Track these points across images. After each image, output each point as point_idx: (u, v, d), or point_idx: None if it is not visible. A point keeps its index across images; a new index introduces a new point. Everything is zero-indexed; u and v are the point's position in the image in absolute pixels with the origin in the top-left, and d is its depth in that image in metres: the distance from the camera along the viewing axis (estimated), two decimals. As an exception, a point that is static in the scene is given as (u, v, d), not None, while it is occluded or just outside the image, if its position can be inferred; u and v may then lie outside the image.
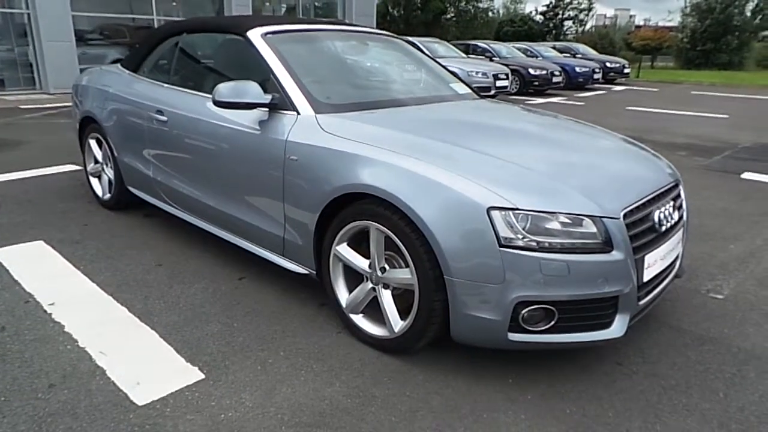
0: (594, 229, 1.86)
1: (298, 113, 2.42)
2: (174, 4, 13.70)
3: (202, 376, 2.02)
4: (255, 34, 2.73)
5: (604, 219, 1.87)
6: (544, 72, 13.94)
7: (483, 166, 2.00)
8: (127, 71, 3.58)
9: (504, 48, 15.95)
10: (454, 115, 2.73)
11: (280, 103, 2.47)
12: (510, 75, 12.22)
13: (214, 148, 2.75)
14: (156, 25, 12.80)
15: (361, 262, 2.21)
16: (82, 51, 11.69)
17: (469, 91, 3.33)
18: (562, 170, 2.10)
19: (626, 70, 18.76)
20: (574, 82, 15.32)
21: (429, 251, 1.92)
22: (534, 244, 1.81)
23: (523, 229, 1.82)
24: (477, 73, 11.46)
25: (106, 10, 12.38)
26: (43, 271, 2.85)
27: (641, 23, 56.64)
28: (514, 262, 1.80)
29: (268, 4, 15.89)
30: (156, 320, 2.39)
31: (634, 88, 17.18)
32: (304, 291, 2.69)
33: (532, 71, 13.86)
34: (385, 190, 1.99)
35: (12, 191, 4.23)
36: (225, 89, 2.40)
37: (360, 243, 2.22)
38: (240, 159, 2.60)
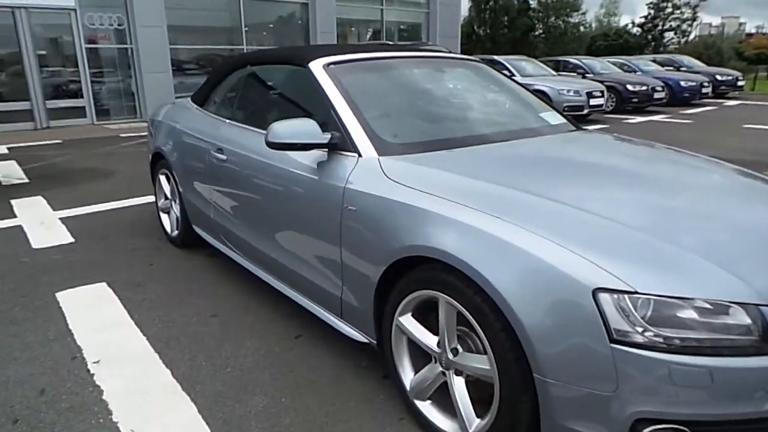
0: (747, 320, 1.35)
1: (360, 155, 2.09)
2: (264, 33, 14.18)
3: (237, 473, 1.71)
4: (317, 66, 2.46)
5: (761, 307, 1.35)
6: (643, 88, 12.85)
7: (585, 228, 1.55)
8: (195, 106, 3.46)
9: (598, 63, 14.96)
10: (545, 155, 2.28)
11: (341, 143, 2.16)
12: (605, 92, 11.33)
13: (270, 191, 2.49)
14: (246, 54, 13.24)
15: (428, 339, 1.81)
16: (179, 80, 12.31)
17: (563, 120, 2.85)
18: (689, 228, 1.59)
19: (740, 83, 16.96)
20: (679, 98, 14.00)
21: (513, 339, 1.49)
22: (660, 340, 1.33)
23: (644, 319, 1.34)
24: (568, 91, 10.73)
25: (202, 42, 13.04)
26: (97, 319, 2.71)
27: (753, 31, 52.01)
28: (631, 364, 1.33)
29: (353, 29, 16.07)
30: (199, 389, 2.13)
31: (751, 102, 15.45)
32: (365, 358, 2.33)
33: (630, 87, 12.82)
34: (456, 257, 1.59)
35: (92, 225, 4.27)
36: (280, 129, 2.13)
37: (428, 314, 1.83)
38: (296, 205, 2.31)
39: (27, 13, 10.38)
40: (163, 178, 3.76)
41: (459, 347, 1.72)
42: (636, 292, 1.34)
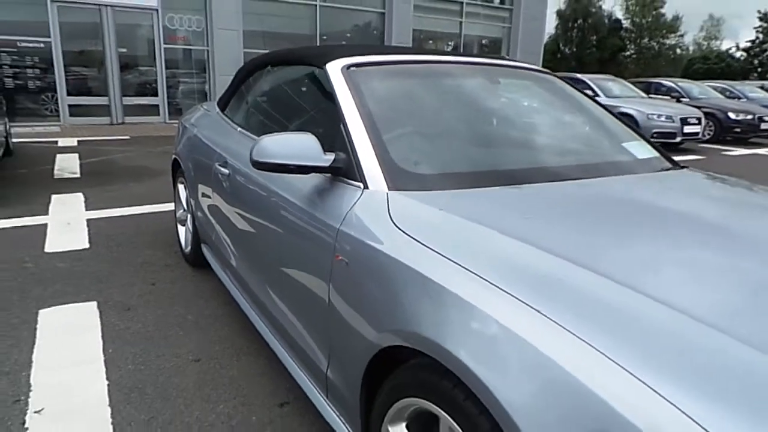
0: None
1: (365, 186, 1.55)
2: (341, 43, 14.00)
3: None
4: (335, 68, 1.94)
5: None
6: (749, 117, 11.44)
7: (670, 339, 0.92)
8: (217, 110, 3.06)
9: (695, 87, 13.57)
10: (623, 207, 1.59)
11: (346, 168, 1.63)
12: (702, 119, 10.11)
13: (265, 217, 2.00)
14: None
15: (425, 464, 1.24)
16: (250, 84, 12.33)
17: (654, 154, 2.17)
18: None
19: None
20: (790, 130, 12.39)
21: None
22: None
23: None
24: (659, 116, 9.67)
25: (276, 48, 13.03)
26: (68, 351, 2.32)
27: None
28: None
29: (430, 42, 15.59)
30: (137, 471, 1.66)
31: None
32: None
33: (732, 115, 11.45)
34: (458, 360, 1.01)
35: (114, 230, 3.99)
36: (270, 145, 1.62)
37: (431, 428, 1.26)
38: (287, 242, 1.80)
39: (112, 11, 10.72)
40: (181, 188, 3.40)
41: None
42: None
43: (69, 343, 2.38)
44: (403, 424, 1.28)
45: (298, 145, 1.63)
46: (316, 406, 1.69)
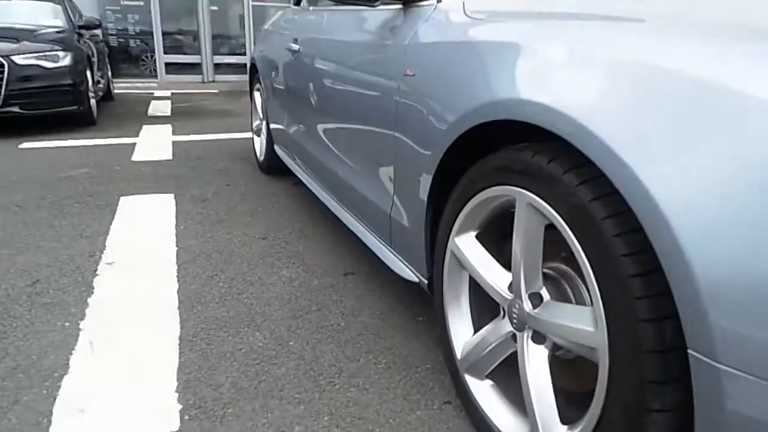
0: None
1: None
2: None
3: (175, 429, 1.14)
4: None
5: None
6: None
7: None
8: (293, 4, 2.97)
9: None
10: None
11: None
12: None
13: (331, 79, 1.88)
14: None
15: (495, 275, 1.07)
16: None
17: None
18: None
19: None
20: None
21: (653, 286, 0.70)
22: None
23: None
24: None
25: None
26: (143, 224, 2.37)
27: None
28: None
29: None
30: (196, 312, 1.62)
31: None
32: (425, 311, 1.64)
33: None
34: (574, 121, 0.80)
35: (196, 149, 4.08)
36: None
37: (503, 242, 1.09)
38: (354, 91, 1.67)
39: (205, -29, 11.07)
40: (257, 95, 3.38)
41: (544, 293, 0.96)
42: None
43: (144, 220, 2.42)
44: (472, 234, 1.12)
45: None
46: (381, 257, 1.56)
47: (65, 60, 4.60)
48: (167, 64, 11.26)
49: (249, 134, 4.45)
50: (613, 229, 0.75)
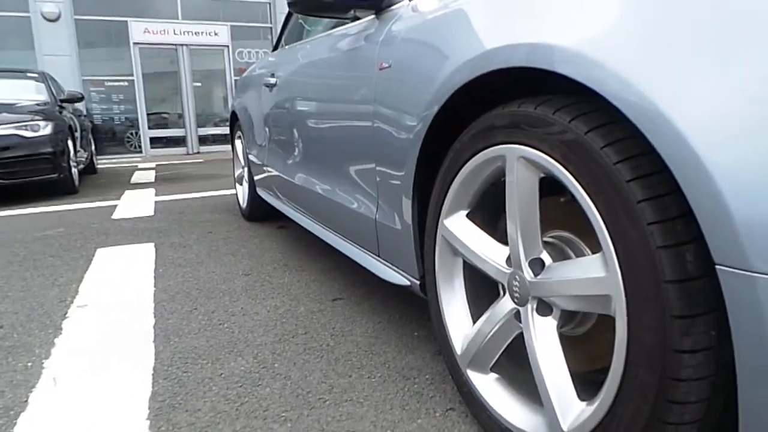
0: None
1: (411, -1, 1.37)
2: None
3: (144, 452, 1.01)
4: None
5: None
6: None
7: None
8: (271, 51, 3.02)
9: None
10: None
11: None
12: None
13: (310, 96, 1.86)
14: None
15: (490, 251, 0.98)
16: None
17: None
18: None
19: None
20: None
21: (667, 207, 0.64)
22: None
23: None
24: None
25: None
26: (120, 271, 2.25)
27: None
28: None
29: None
30: (173, 343, 1.49)
31: None
32: (421, 326, 1.53)
33: None
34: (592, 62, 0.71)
35: (178, 206, 4.02)
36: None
37: (497, 221, 1.02)
38: (331, 102, 1.64)
39: (188, 50, 11.45)
40: (238, 143, 3.36)
41: (545, 257, 0.87)
42: None
43: (121, 267, 2.31)
44: (463, 213, 1.04)
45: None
46: (369, 269, 1.47)
47: (46, 129, 4.59)
48: (152, 139, 11.40)
49: (234, 190, 4.41)
50: (614, 156, 0.69)
